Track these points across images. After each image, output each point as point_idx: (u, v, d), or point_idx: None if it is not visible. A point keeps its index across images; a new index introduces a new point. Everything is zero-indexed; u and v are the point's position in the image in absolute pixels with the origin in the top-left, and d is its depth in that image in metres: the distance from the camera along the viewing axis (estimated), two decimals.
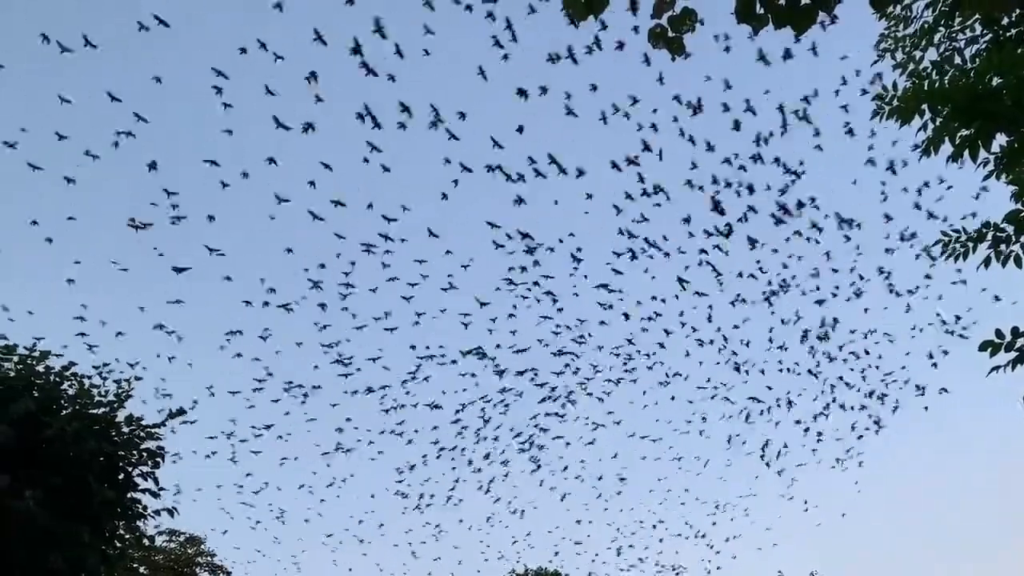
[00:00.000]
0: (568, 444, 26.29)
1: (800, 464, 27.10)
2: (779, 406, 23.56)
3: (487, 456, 25.24)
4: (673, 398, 24.88)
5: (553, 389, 23.22)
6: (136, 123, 15.03)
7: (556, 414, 24.12)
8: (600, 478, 27.76)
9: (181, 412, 11.33)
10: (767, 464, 24.99)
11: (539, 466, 26.31)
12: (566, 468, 27.35)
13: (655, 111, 16.79)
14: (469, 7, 14.17)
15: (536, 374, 22.60)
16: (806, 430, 23.82)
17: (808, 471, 27.34)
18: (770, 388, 24.02)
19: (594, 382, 23.69)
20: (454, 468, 25.63)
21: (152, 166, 15.91)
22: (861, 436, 23.92)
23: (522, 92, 15.78)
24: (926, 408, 22.92)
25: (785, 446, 25.02)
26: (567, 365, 22.71)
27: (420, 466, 25.27)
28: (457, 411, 23.77)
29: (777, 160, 17.19)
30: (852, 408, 23.10)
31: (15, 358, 10.57)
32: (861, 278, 19.98)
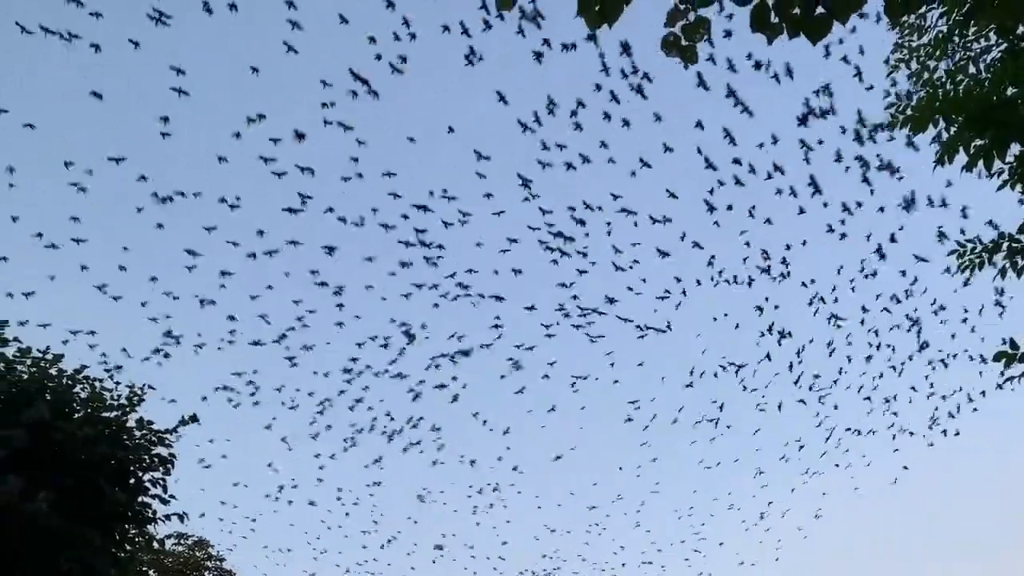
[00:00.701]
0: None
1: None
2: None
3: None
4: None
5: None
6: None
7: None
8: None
9: (194, 419, 11.34)
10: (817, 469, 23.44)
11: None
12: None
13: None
14: None
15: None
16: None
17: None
18: (818, 376, 20.93)
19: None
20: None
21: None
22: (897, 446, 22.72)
23: None
24: (975, 409, 21.76)
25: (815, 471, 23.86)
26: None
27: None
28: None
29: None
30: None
31: (28, 360, 10.66)
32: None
